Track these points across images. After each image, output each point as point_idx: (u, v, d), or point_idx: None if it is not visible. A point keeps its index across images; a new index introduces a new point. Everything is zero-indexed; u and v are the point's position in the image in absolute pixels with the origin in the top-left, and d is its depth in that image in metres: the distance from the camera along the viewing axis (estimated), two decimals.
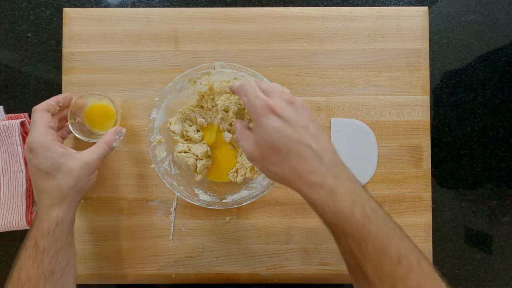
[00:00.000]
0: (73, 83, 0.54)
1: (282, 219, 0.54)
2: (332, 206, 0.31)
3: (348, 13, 0.54)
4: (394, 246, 0.30)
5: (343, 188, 0.32)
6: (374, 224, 0.31)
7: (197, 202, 0.48)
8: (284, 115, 0.32)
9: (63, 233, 0.37)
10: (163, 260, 0.53)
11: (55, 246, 0.35)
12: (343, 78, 0.54)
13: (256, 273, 0.53)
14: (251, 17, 0.54)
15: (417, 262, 0.30)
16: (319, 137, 0.33)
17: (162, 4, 0.56)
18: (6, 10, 0.55)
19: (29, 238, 0.36)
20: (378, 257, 0.30)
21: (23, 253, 0.35)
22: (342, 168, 0.34)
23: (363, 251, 0.31)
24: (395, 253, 0.30)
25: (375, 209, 0.32)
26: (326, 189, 0.32)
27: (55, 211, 0.37)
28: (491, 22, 0.56)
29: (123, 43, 0.54)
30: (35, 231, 0.36)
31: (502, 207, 0.55)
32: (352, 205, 0.31)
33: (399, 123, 0.54)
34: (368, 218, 0.31)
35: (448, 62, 0.56)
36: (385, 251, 0.30)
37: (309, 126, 0.33)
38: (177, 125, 0.50)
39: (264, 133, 0.33)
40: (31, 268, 0.34)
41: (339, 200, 0.31)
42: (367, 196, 0.33)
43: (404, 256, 0.30)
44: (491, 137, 0.56)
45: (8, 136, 0.52)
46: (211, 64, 0.47)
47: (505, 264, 0.55)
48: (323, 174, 0.32)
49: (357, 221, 0.31)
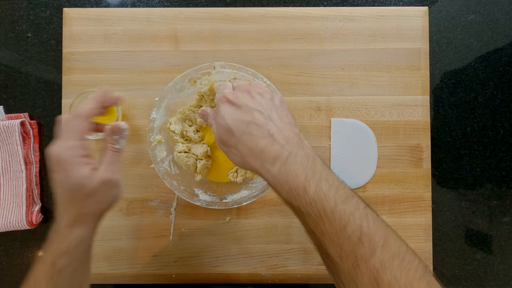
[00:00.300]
0: (73, 83, 0.54)
1: (282, 219, 0.54)
2: (285, 183, 0.32)
3: (348, 13, 0.54)
4: (355, 225, 0.29)
5: (297, 165, 0.32)
6: (330, 202, 0.30)
7: (197, 202, 0.48)
8: (238, 101, 0.36)
9: (82, 253, 0.35)
10: (163, 260, 0.53)
11: (72, 265, 0.34)
12: (343, 78, 0.54)
13: (256, 273, 0.53)
14: (251, 17, 0.54)
15: (383, 241, 0.29)
16: (277, 119, 0.35)
17: (162, 4, 0.56)
18: (6, 10, 0.55)
19: (47, 253, 0.34)
20: (337, 236, 0.29)
21: (40, 267, 0.33)
22: (299, 146, 0.34)
23: (322, 230, 0.30)
24: (356, 232, 0.29)
25: (334, 187, 0.31)
26: (279, 166, 0.32)
27: (77, 230, 0.34)
28: (491, 22, 0.56)
29: (123, 43, 0.54)
30: (55, 248, 0.33)
31: (502, 207, 0.55)
32: (304, 182, 0.31)
33: (399, 123, 0.54)
34: (324, 196, 0.30)
35: (448, 62, 0.56)
36: (344, 230, 0.29)
37: (266, 111, 0.35)
38: (177, 125, 0.50)
39: (220, 119, 0.36)
40: (45, 286, 0.33)
41: (291, 177, 0.31)
42: (327, 173, 0.32)
43: (367, 234, 0.29)
44: (491, 137, 0.56)
45: (8, 136, 0.52)
46: (211, 64, 0.47)
47: (505, 264, 0.55)
48: (276, 151, 0.33)
49: (310, 198, 0.30)
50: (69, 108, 0.50)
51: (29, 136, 0.53)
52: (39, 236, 0.54)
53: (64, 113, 0.54)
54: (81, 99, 0.50)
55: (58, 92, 0.54)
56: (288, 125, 0.35)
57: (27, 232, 0.54)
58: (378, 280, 0.27)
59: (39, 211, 0.53)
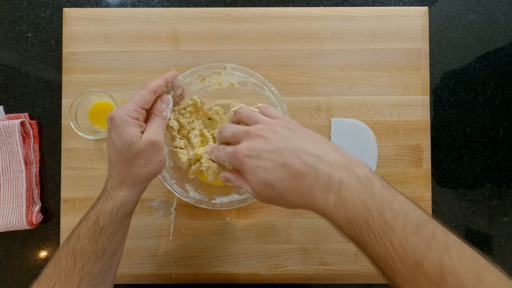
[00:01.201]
0: (73, 83, 0.54)
1: (282, 219, 0.54)
2: (343, 218, 0.28)
3: (348, 13, 0.54)
4: (433, 260, 0.24)
5: (353, 193, 0.28)
6: (399, 235, 0.25)
7: (186, 199, 0.48)
8: (257, 152, 0.31)
9: (124, 215, 0.37)
10: (163, 260, 0.53)
11: (113, 227, 0.36)
12: (343, 78, 0.54)
13: (256, 273, 0.53)
14: (251, 17, 0.54)
15: (475, 277, 0.23)
16: (307, 145, 0.30)
17: (162, 4, 0.56)
18: (6, 10, 0.55)
19: (93, 210, 0.36)
20: (413, 274, 0.25)
21: (84, 223, 0.35)
22: (345, 168, 0.29)
23: (392, 268, 0.26)
24: (437, 267, 0.24)
25: (402, 214, 0.26)
26: (334, 200, 0.28)
27: (123, 191, 0.36)
28: (491, 22, 0.56)
29: (123, 43, 0.54)
30: (100, 206, 0.36)
31: (502, 207, 0.55)
32: (366, 215, 0.27)
33: (399, 123, 0.54)
34: (389, 229, 0.26)
35: (448, 62, 0.56)
36: (420, 266, 0.24)
37: (291, 144, 0.30)
38: (175, 122, 0.49)
39: (251, 178, 0.31)
40: (87, 243, 0.34)
41: (350, 211, 0.27)
42: (390, 197, 0.27)
43: (451, 270, 0.24)
44: (491, 137, 0.56)
45: (8, 136, 0.52)
46: (223, 64, 0.47)
47: (505, 264, 0.55)
48: (325, 182, 0.28)
49: (375, 234, 0.26)
50: (69, 108, 0.50)
51: (29, 136, 0.53)
52: (39, 236, 0.54)
53: (64, 113, 0.54)
54: (81, 99, 0.50)
55: (58, 92, 0.54)
56: (320, 145, 0.31)
57: (27, 232, 0.54)
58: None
59: (39, 211, 0.53)
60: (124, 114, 0.35)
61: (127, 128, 0.35)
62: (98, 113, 0.53)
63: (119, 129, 0.35)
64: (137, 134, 0.35)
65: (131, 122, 0.35)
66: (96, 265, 0.35)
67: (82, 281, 0.34)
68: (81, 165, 0.54)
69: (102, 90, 0.51)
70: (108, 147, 0.37)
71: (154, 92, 0.37)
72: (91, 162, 0.53)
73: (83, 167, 0.54)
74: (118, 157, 0.36)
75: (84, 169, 0.53)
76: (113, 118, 0.35)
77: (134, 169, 0.36)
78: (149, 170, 0.37)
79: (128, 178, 0.36)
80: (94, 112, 0.53)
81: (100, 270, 0.35)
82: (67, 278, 0.33)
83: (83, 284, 0.34)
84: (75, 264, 0.34)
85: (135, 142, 0.35)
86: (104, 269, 0.36)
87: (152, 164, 0.37)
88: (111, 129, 0.36)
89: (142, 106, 0.36)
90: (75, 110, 0.50)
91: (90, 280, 0.34)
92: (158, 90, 0.38)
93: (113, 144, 0.36)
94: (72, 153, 0.53)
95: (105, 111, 0.52)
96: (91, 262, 0.34)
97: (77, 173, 0.53)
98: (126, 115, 0.35)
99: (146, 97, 0.37)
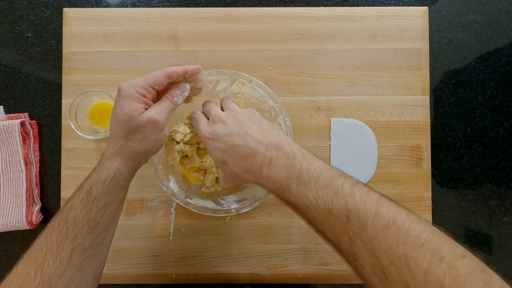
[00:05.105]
0: (73, 83, 0.54)
1: (282, 219, 0.54)
2: (273, 186, 0.35)
3: (348, 13, 0.54)
4: (339, 205, 0.30)
5: (279, 166, 0.35)
6: (312, 191, 0.32)
7: (164, 187, 0.47)
8: (215, 135, 0.38)
9: (117, 187, 0.37)
10: (163, 260, 0.53)
11: (106, 197, 0.36)
12: (343, 78, 0.54)
13: (256, 273, 0.53)
14: (251, 17, 0.54)
15: (373, 214, 0.29)
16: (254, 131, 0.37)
17: (162, 4, 0.56)
18: (6, 10, 0.55)
19: (87, 180, 0.36)
20: (327, 220, 0.31)
21: (78, 193, 0.36)
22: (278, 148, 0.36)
23: (311, 217, 0.32)
24: (342, 211, 0.30)
25: (315, 176, 0.33)
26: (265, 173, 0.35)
27: (117, 162, 0.37)
28: (491, 22, 0.56)
29: (123, 43, 0.54)
30: (94, 176, 0.36)
31: (502, 207, 0.55)
32: (287, 179, 0.34)
33: (399, 123, 0.54)
34: (304, 187, 0.32)
35: (448, 62, 0.56)
36: (330, 212, 0.30)
37: (241, 129, 0.38)
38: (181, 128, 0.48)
39: (213, 156, 0.40)
40: (80, 212, 0.34)
41: (277, 179, 0.34)
42: (308, 164, 0.34)
43: (353, 211, 0.29)
44: (491, 137, 0.56)
45: (8, 136, 0.52)
46: (250, 77, 0.47)
47: (505, 264, 0.55)
48: (261, 161, 0.35)
49: (294, 193, 0.33)
50: (69, 108, 0.50)
51: (29, 136, 0.53)
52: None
53: (64, 113, 0.54)
54: (81, 99, 0.50)
55: (58, 92, 0.54)
56: (265, 131, 0.38)
57: (27, 232, 0.54)
58: (375, 253, 0.27)
59: (39, 211, 0.53)
60: (131, 88, 0.36)
61: (131, 102, 0.36)
62: (98, 113, 0.53)
63: (123, 101, 0.36)
64: (139, 110, 0.36)
65: (136, 96, 0.36)
66: (88, 237, 0.34)
67: (74, 252, 0.33)
68: (81, 165, 0.54)
69: (102, 90, 0.51)
70: (111, 117, 0.38)
71: (168, 76, 0.38)
72: (91, 162, 0.53)
73: (83, 167, 0.54)
74: (117, 128, 0.37)
75: (84, 169, 0.53)
76: (121, 90, 0.37)
77: (130, 143, 0.37)
78: (144, 147, 0.37)
79: (123, 150, 0.37)
80: (94, 112, 0.53)
81: (92, 243, 0.35)
82: (58, 249, 0.33)
83: (75, 255, 0.33)
84: (67, 234, 0.33)
85: (135, 116, 0.36)
86: (96, 243, 0.35)
87: (147, 142, 0.37)
88: (117, 100, 0.37)
89: (153, 85, 0.37)
90: (75, 110, 0.50)
91: (82, 252, 0.34)
92: (173, 76, 0.39)
93: (115, 114, 0.37)
94: (72, 153, 0.54)
95: (105, 111, 0.52)
96: (83, 233, 0.34)
97: (77, 173, 0.53)
98: (133, 89, 0.36)
99: (158, 78, 0.37)
